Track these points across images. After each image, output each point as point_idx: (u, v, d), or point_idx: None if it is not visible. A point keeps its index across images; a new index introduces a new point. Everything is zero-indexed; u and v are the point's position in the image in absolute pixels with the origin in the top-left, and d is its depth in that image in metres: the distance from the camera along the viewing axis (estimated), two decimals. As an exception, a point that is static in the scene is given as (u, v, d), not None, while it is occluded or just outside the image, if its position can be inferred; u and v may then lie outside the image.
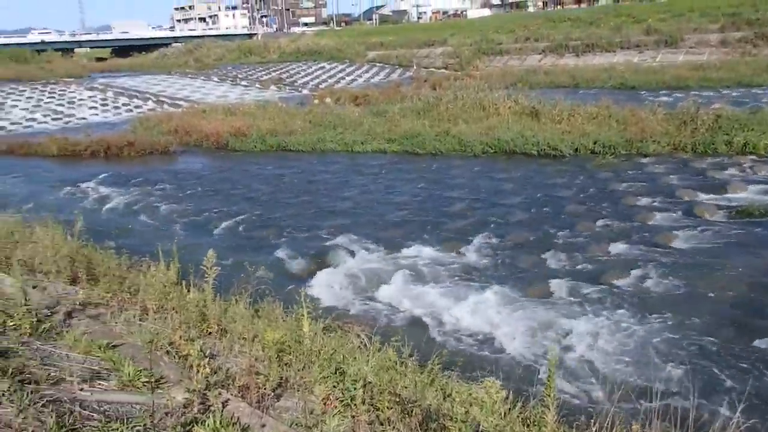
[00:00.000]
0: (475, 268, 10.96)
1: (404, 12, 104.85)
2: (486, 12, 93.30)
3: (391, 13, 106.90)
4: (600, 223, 13.10)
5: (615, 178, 16.65)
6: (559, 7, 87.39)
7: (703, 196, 14.56)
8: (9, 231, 8.32)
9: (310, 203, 16.19)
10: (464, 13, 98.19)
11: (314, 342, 5.54)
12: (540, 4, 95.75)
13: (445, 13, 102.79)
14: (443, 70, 53.88)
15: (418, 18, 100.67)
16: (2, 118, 35.71)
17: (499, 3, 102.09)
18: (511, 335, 8.41)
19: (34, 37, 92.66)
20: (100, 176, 20.33)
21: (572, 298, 9.49)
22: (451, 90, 29.94)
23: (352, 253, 11.99)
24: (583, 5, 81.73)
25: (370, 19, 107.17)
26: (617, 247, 11.60)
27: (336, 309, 9.29)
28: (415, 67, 57.47)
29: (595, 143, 19.74)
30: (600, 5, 75.04)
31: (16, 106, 39.70)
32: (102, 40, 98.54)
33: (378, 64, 61.91)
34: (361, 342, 6.18)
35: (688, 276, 10.07)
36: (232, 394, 4.13)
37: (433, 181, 17.77)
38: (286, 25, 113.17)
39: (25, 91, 45.40)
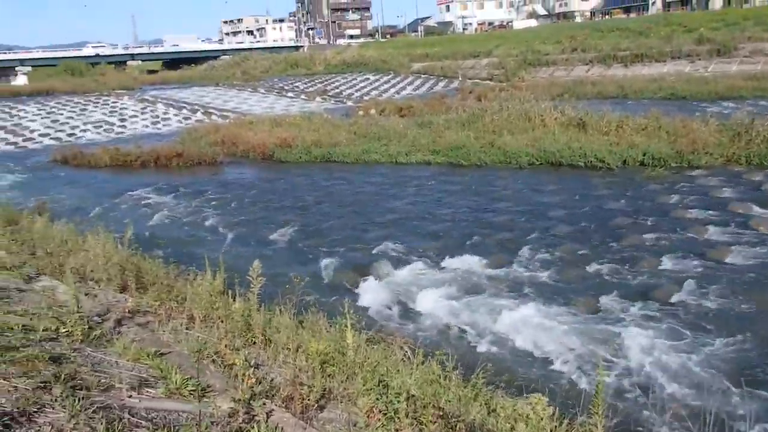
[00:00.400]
0: (521, 281, 10.82)
1: (449, 23, 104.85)
2: (532, 23, 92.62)
3: (436, 25, 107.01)
4: (650, 236, 12.80)
5: (665, 191, 16.27)
6: (607, 17, 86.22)
7: (758, 210, 14.11)
8: (63, 239, 8.56)
9: (354, 214, 16.25)
10: (510, 24, 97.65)
11: (358, 354, 5.54)
12: (587, 14, 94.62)
13: (490, 24, 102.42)
14: (488, 82, 53.66)
15: (464, 29, 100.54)
16: (58, 130, 36.93)
17: (546, 14, 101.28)
18: (557, 350, 8.27)
19: (88, 51, 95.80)
20: (150, 186, 20.80)
21: (621, 314, 9.28)
22: (496, 101, 29.77)
23: (397, 265, 11.97)
24: (632, 15, 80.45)
25: (416, 31, 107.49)
26: (668, 262, 11.31)
27: (380, 321, 9.27)
28: (460, 79, 57.39)
29: (644, 155, 19.34)
30: (650, 15, 73.78)
31: (72, 117, 41.00)
32: (153, 53, 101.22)
33: (423, 76, 62.02)
34: (405, 354, 6.14)
35: (744, 292, 9.75)
36: (276, 405, 4.15)
37: (478, 193, 17.66)
38: (332, 38, 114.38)
39: (79, 103, 46.89)
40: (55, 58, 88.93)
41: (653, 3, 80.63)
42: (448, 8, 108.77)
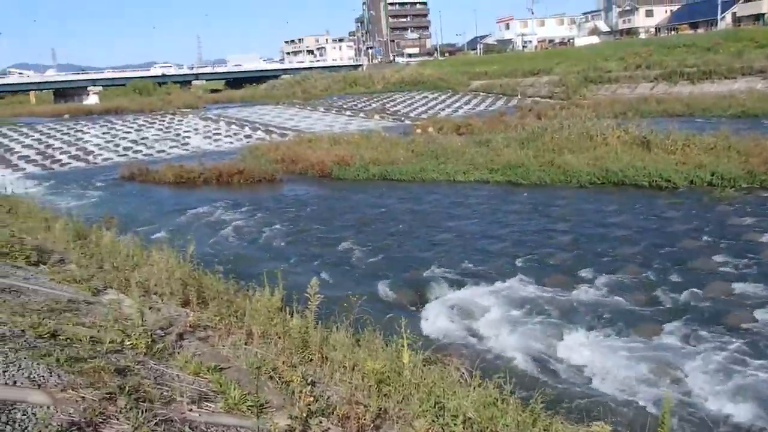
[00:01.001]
0: (582, 304, 10.58)
1: (509, 41, 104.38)
2: (594, 39, 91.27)
3: (495, 43, 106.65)
4: (719, 259, 12.35)
5: (736, 213, 15.69)
6: (673, 32, 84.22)
7: (837, 234, 13.45)
8: (128, 254, 8.84)
9: (411, 232, 16.24)
10: (571, 41, 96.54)
11: (414, 374, 5.52)
12: (653, 30, 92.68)
13: (551, 41, 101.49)
14: (548, 100, 53.10)
15: (524, 47, 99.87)
16: (125, 147, 38.32)
17: (609, 30, 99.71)
18: (620, 376, 8.03)
19: (155, 71, 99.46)
20: (212, 203, 21.30)
21: (688, 340, 8.96)
22: (556, 119, 29.41)
23: (454, 284, 11.89)
24: (699, 30, 78.35)
25: (474, 49, 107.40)
26: (739, 287, 10.86)
27: (436, 340, 9.21)
28: (519, 97, 56.99)
29: (712, 175, 18.71)
30: (719, 30, 71.65)
31: (139, 135, 42.49)
32: (216, 73, 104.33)
33: (481, 94, 61.85)
34: (462, 376, 6.08)
35: (821, 321, 9.28)
36: (332, 423, 4.16)
37: (537, 213, 17.42)
38: (391, 56, 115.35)
39: (146, 121, 48.61)
40: (125, 78, 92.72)
41: (722, 18, 78.33)
42: (507, 26, 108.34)
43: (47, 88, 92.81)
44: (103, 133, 43.27)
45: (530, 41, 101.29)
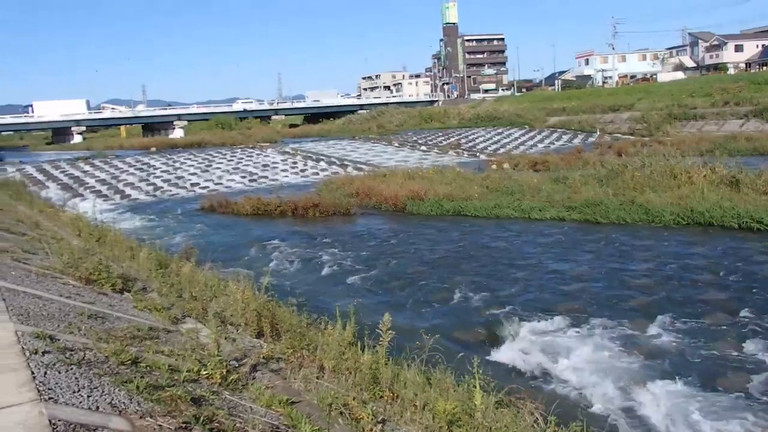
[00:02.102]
0: (664, 350, 10.14)
1: (588, 77, 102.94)
2: (679, 75, 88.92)
3: (574, 79, 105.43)
4: (815, 308, 11.62)
5: (834, 258, 14.78)
6: (765, 68, 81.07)
7: None
8: (207, 284, 9.10)
9: (485, 269, 16.06)
10: (654, 76, 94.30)
11: (486, 416, 5.41)
12: (742, 65, 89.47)
13: (632, 77, 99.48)
14: (629, 136, 51.88)
15: (604, 83, 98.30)
16: (207, 179, 39.74)
17: (694, 66, 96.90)
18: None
19: (237, 106, 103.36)
20: (288, 235, 21.74)
21: (780, 394, 8.42)
22: (638, 157, 28.64)
23: (528, 324, 11.64)
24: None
25: (552, 85, 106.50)
26: (838, 338, 10.18)
27: (509, 382, 8.99)
28: (598, 133, 55.94)
29: (809, 217, 17.74)
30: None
31: (220, 167, 44.03)
32: (295, 108, 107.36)
33: (559, 130, 61.08)
34: (536, 421, 5.92)
35: None
36: (402, 464, 4.11)
37: (617, 252, 16.91)
38: (466, 92, 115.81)
39: (227, 154, 50.33)
40: (209, 113, 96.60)
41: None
42: (587, 62, 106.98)
43: (137, 123, 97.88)
44: (188, 165, 44.99)
45: (611, 77, 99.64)
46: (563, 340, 10.76)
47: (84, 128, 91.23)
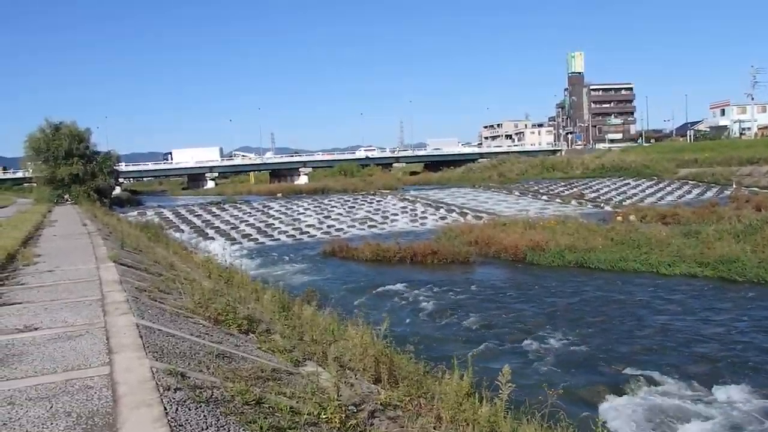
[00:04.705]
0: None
1: (724, 128, 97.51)
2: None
3: (708, 130, 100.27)
4: None
5: None
6: None
7: None
8: (327, 327, 9.26)
9: (608, 325, 15.37)
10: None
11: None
12: None
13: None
14: (770, 189, 48.37)
15: (741, 134, 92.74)
16: (329, 225, 40.91)
17: None
18: None
19: (360, 154, 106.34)
20: (406, 281, 21.83)
21: None
22: (780, 211, 26.65)
23: (652, 385, 10.97)
24: None
25: (684, 135, 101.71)
26: None
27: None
28: (734, 186, 52.62)
29: None
30: None
31: (341, 214, 45.23)
32: (416, 156, 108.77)
33: (690, 182, 58.12)
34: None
35: None
36: None
37: (755, 314, 15.64)
38: (591, 142, 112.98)
39: (348, 200, 51.69)
40: (332, 160, 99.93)
41: None
42: (722, 112, 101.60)
43: (265, 169, 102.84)
44: (311, 211, 46.57)
45: (749, 128, 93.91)
46: (691, 408, 10.01)
47: (216, 174, 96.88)
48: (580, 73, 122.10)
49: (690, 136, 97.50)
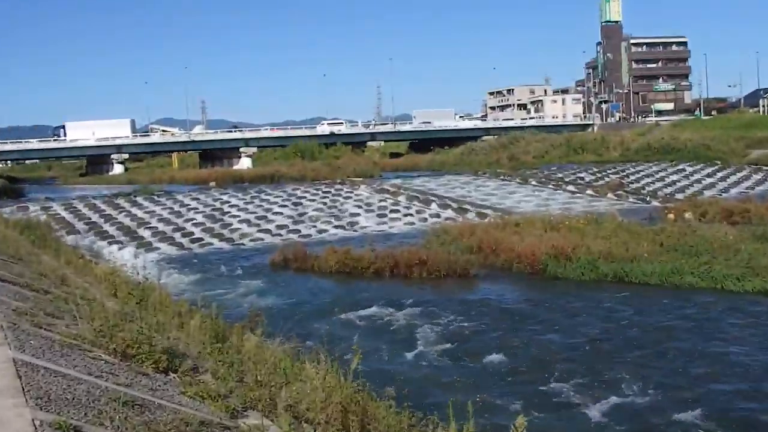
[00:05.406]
0: None
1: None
2: None
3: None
4: None
5: None
6: None
7: None
8: (276, 364, 9.18)
9: (658, 359, 15.56)
10: None
11: None
12: None
13: None
14: None
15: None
16: (280, 225, 40.70)
17: None
18: None
19: (323, 129, 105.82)
20: (385, 302, 21.74)
21: None
22: None
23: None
24: None
25: (756, 106, 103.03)
26: None
27: None
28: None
29: None
30: None
31: (296, 210, 45.05)
32: (398, 132, 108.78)
33: (765, 168, 58.81)
34: None
35: None
36: None
37: None
38: (632, 114, 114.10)
39: (307, 192, 51.55)
40: (285, 137, 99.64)
41: None
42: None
43: (193, 149, 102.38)
44: (255, 206, 46.34)
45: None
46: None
47: (126, 156, 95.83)
48: (617, 22, 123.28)
49: (763, 106, 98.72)
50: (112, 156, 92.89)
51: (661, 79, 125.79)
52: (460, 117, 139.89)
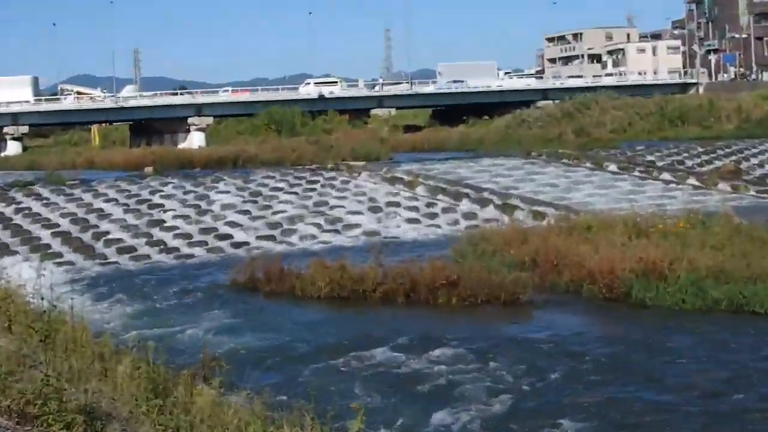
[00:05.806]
0: None
1: None
2: None
3: None
4: None
5: None
6: None
7: None
8: (242, 429, 9.17)
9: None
10: None
11: None
12: None
13: None
14: None
15: None
16: (249, 227, 40.71)
17: None
18: None
19: (308, 91, 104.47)
20: (394, 339, 21.70)
21: None
22: None
23: None
24: None
25: None
26: None
27: None
28: None
29: None
30: None
31: (269, 207, 44.93)
32: (415, 96, 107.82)
33: None
34: None
35: None
36: None
37: None
38: (754, 69, 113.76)
39: (284, 181, 51.26)
40: (254, 103, 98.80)
41: None
42: None
43: (121, 120, 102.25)
44: (207, 203, 46.24)
45: None
46: None
47: (26, 129, 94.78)
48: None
49: None
50: (4, 129, 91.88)
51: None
52: (506, 73, 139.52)
